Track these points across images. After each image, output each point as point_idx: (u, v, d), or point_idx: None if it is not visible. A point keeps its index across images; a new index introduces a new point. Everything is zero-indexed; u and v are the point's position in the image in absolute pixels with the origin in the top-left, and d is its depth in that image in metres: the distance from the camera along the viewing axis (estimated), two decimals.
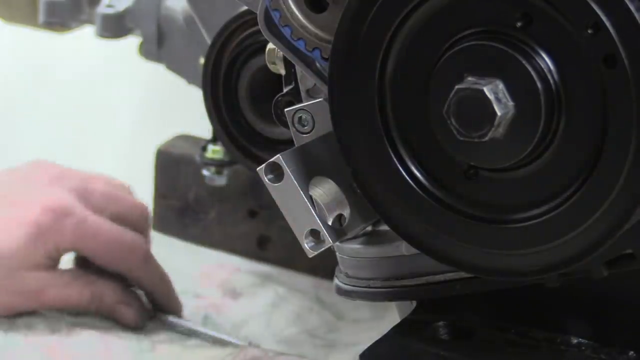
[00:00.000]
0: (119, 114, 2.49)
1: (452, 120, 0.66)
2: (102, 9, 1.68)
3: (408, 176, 0.72)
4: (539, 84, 0.65)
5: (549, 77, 0.65)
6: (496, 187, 0.70)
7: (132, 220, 1.22)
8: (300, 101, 0.86)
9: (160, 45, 1.72)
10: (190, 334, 1.21)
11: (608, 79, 0.63)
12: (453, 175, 0.71)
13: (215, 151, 1.31)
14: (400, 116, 0.72)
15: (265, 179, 0.79)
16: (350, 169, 0.74)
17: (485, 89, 0.65)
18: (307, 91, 0.86)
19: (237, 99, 1.12)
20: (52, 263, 1.16)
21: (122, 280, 1.21)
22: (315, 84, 0.84)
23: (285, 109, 0.86)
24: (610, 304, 0.82)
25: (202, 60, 1.18)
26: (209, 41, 1.17)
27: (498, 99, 0.65)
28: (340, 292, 0.88)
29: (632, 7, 0.62)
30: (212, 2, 1.27)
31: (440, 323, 0.87)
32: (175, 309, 1.23)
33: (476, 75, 0.66)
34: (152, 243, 1.28)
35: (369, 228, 0.85)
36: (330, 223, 0.79)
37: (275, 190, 0.79)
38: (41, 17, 1.73)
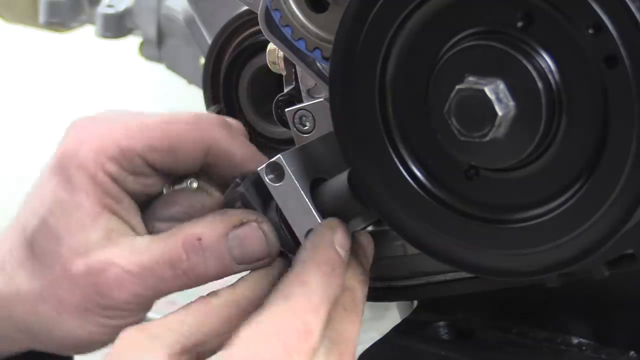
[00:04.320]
0: None
1: (452, 120, 0.66)
2: (102, 9, 1.69)
3: (409, 176, 0.72)
4: (539, 84, 0.65)
5: (550, 77, 0.65)
6: (497, 187, 0.70)
7: None
8: (301, 101, 0.87)
9: (160, 45, 1.72)
10: None
11: (609, 79, 0.63)
12: (454, 175, 0.71)
13: None
14: (401, 116, 0.72)
15: (266, 179, 0.79)
16: (351, 169, 0.74)
17: (486, 89, 0.65)
18: (308, 91, 0.86)
19: (238, 99, 1.12)
20: None
21: None
22: (315, 84, 0.84)
23: (286, 109, 0.86)
24: (610, 304, 0.83)
25: (202, 60, 1.18)
26: (209, 41, 1.17)
27: (499, 99, 0.65)
28: None
29: (633, 8, 0.62)
30: (213, 2, 1.28)
31: (441, 323, 0.87)
32: None
33: (477, 75, 0.66)
34: None
35: (369, 228, 0.85)
36: None
37: (276, 190, 0.79)
38: (42, 18, 1.73)
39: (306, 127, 0.86)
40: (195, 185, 0.85)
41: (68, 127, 0.85)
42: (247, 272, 0.82)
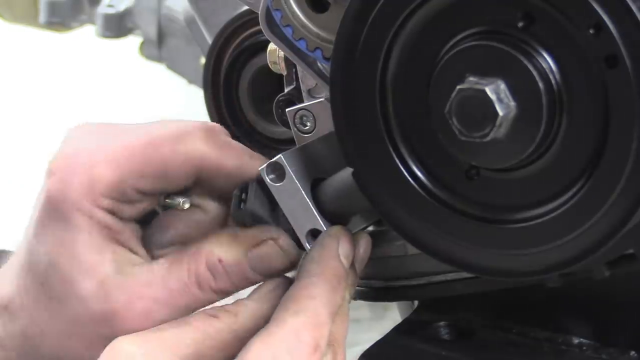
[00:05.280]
0: (119, 114, 2.49)
1: (453, 120, 0.66)
2: (102, 9, 1.69)
3: (409, 176, 0.72)
4: (540, 84, 0.65)
5: (551, 77, 0.65)
6: (498, 187, 0.70)
7: None
8: (302, 101, 0.87)
9: (160, 45, 1.72)
10: None
11: (609, 79, 0.63)
12: (454, 175, 0.71)
13: None
14: (401, 116, 0.72)
15: (267, 179, 0.79)
16: (352, 169, 0.74)
17: (487, 89, 0.65)
18: (309, 91, 0.86)
19: (238, 99, 1.12)
20: None
21: None
22: (316, 84, 0.84)
23: (287, 109, 0.86)
24: (611, 304, 0.82)
25: (202, 60, 1.18)
26: (209, 41, 1.18)
27: (500, 99, 0.65)
28: None
29: (633, 8, 0.62)
30: (213, 2, 1.28)
31: (442, 323, 0.87)
32: None
33: (478, 75, 0.66)
34: None
35: (370, 228, 0.85)
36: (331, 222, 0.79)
37: (277, 190, 0.79)
38: (42, 17, 1.74)
39: (307, 127, 0.86)
40: (187, 205, 0.84)
41: (50, 163, 0.83)
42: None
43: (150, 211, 0.84)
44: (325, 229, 0.79)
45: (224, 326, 0.76)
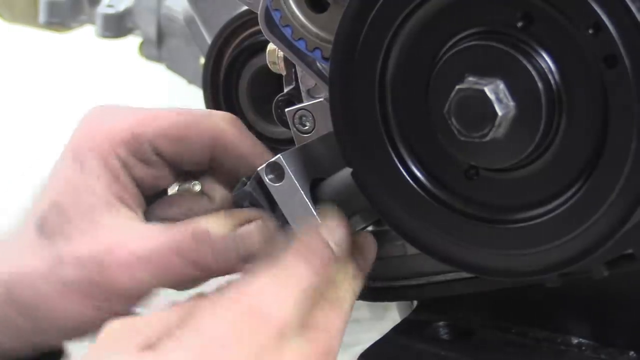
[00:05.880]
0: None
1: (452, 120, 0.66)
2: (102, 9, 1.69)
3: (409, 176, 0.72)
4: (539, 84, 0.65)
5: (550, 77, 0.65)
6: (497, 187, 0.70)
7: None
8: (301, 101, 0.87)
9: (160, 45, 1.72)
10: None
11: (609, 78, 0.63)
12: (454, 175, 0.71)
13: None
14: (401, 116, 0.72)
15: (266, 179, 0.79)
16: (351, 169, 0.74)
17: (486, 89, 0.65)
18: (308, 91, 0.86)
19: (238, 99, 1.12)
20: None
21: None
22: (315, 84, 0.84)
23: (286, 109, 0.86)
24: (610, 304, 0.83)
25: (202, 60, 1.18)
26: (209, 41, 1.18)
27: (499, 99, 0.65)
28: None
29: (633, 8, 0.62)
30: (213, 2, 1.28)
31: (441, 323, 0.87)
32: None
33: (477, 75, 0.66)
34: None
35: (370, 228, 0.85)
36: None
37: (276, 190, 0.79)
38: (42, 17, 1.74)
39: (306, 127, 0.86)
40: (198, 187, 0.86)
41: (84, 114, 0.87)
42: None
43: (161, 189, 0.86)
44: None
45: None
